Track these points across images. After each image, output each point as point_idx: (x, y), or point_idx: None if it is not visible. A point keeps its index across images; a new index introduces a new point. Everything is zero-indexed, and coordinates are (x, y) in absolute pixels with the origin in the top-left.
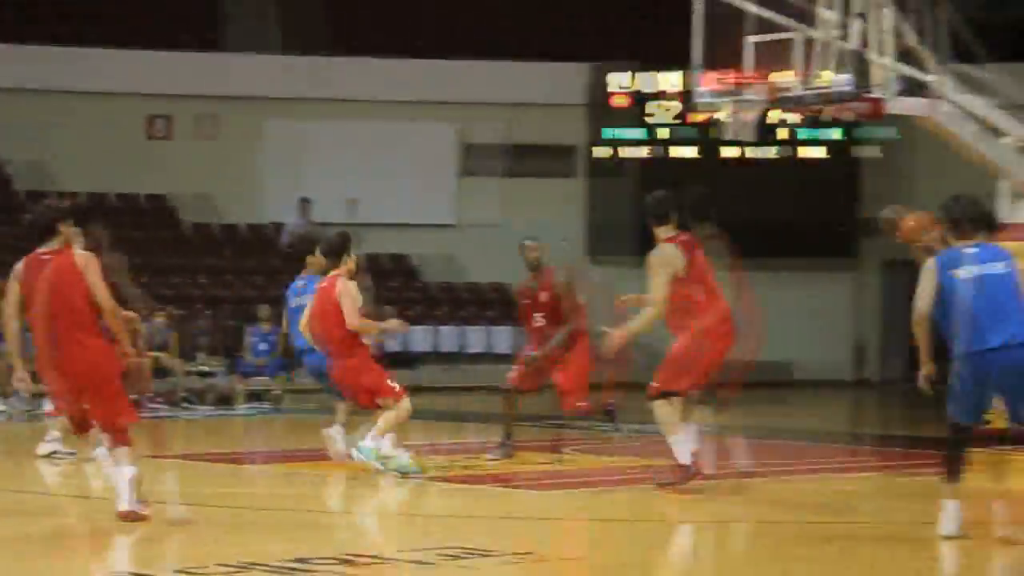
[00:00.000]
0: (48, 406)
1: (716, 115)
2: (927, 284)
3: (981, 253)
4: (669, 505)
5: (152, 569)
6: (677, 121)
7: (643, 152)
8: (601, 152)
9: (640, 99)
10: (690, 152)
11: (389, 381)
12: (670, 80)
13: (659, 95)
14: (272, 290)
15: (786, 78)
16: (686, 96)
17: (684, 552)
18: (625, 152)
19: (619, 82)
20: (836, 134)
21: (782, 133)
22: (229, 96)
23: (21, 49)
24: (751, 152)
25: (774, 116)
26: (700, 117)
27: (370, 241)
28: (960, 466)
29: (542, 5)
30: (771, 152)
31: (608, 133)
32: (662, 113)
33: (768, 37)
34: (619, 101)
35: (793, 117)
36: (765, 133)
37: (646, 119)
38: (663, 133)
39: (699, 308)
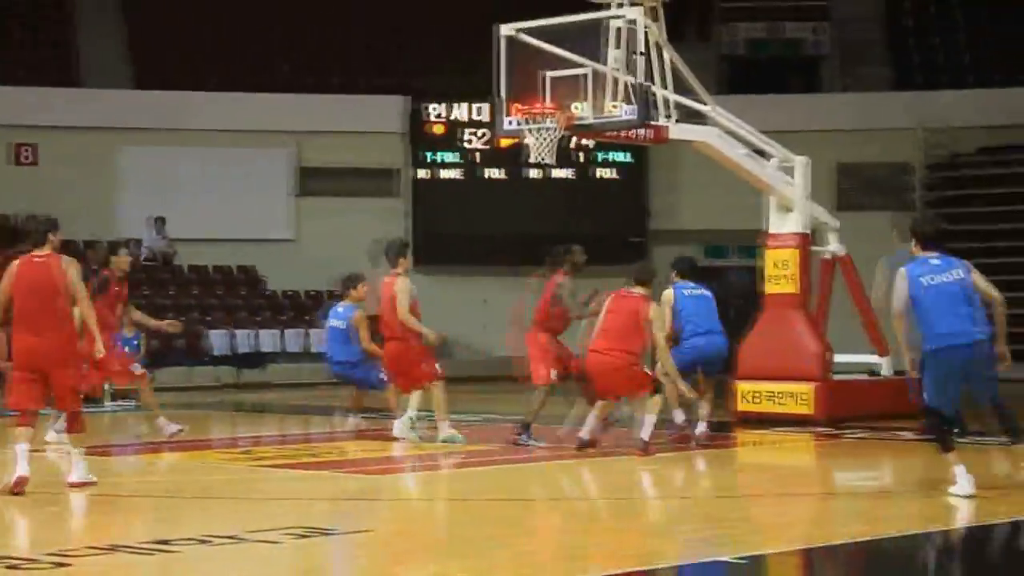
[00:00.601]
0: None
1: (521, 140)
2: (901, 287)
3: (942, 263)
4: (494, 485)
5: (27, 553)
6: (487, 146)
7: (458, 174)
8: (421, 173)
9: (454, 127)
10: (499, 173)
11: (427, 367)
12: (480, 110)
13: (471, 123)
14: (132, 298)
15: (579, 108)
16: (493, 124)
17: (505, 525)
18: (443, 174)
19: (436, 112)
20: (626, 157)
21: (579, 156)
22: (88, 126)
23: None
24: (554, 173)
25: (572, 141)
26: (506, 142)
27: (219, 255)
28: (951, 439)
29: (367, 45)
30: (570, 173)
31: (427, 157)
32: (474, 139)
33: (564, 72)
34: (436, 129)
35: (589, 142)
36: (564, 156)
37: (460, 144)
38: (475, 157)
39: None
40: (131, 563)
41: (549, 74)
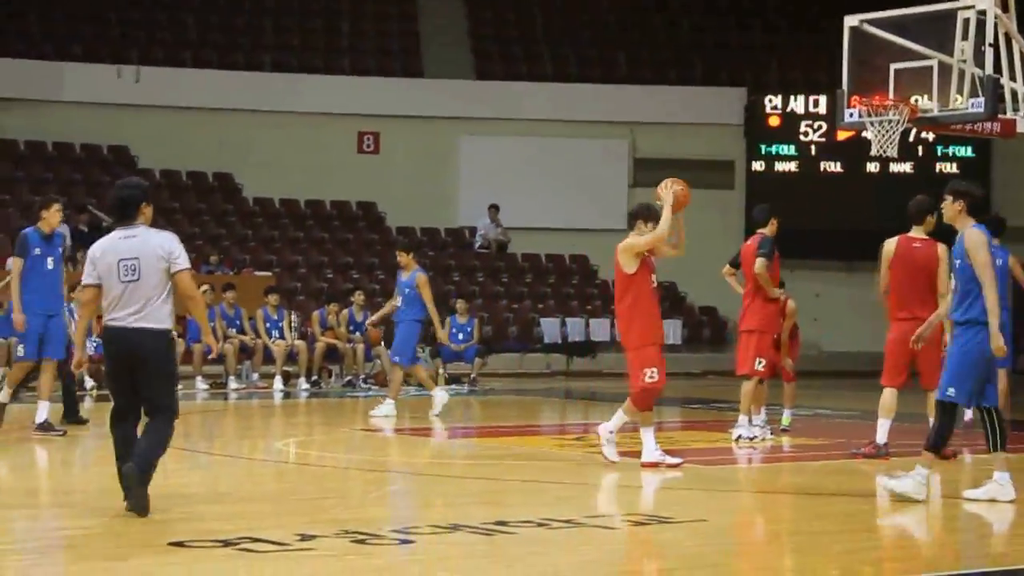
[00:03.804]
0: None
1: (862, 133)
2: None
3: None
4: (829, 480)
5: (371, 529)
6: (823, 139)
7: (794, 167)
8: (757, 166)
9: (791, 119)
10: (836, 167)
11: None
12: (817, 102)
13: (808, 115)
14: (467, 286)
15: (921, 101)
16: (833, 116)
17: (839, 521)
18: (779, 167)
19: (772, 104)
20: (968, 151)
21: (919, 150)
22: (430, 116)
23: (253, 76)
24: (893, 167)
25: (912, 134)
26: (846, 135)
27: (552, 244)
28: None
29: (705, 37)
30: (909, 167)
31: (763, 150)
32: (811, 131)
33: (909, 64)
34: (773, 121)
35: (929, 135)
36: (904, 150)
37: (797, 136)
38: (813, 150)
39: None
40: (471, 542)
41: (895, 65)
